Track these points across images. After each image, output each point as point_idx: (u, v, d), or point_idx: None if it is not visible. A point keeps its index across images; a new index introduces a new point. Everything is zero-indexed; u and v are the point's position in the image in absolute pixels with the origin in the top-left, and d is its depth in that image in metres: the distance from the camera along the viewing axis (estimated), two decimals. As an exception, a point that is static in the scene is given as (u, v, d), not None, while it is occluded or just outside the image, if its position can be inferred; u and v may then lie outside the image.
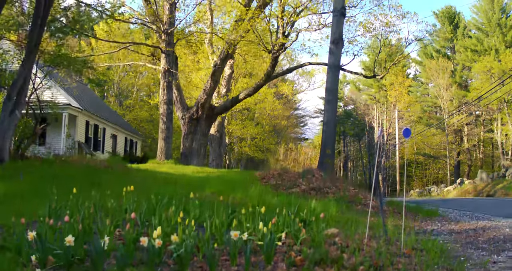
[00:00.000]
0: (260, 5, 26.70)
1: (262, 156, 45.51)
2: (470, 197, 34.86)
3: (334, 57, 14.78)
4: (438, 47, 67.40)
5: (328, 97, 15.07)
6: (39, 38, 12.59)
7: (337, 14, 14.86)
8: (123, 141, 37.84)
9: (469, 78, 63.05)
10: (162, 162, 19.56)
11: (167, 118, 19.95)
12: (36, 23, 12.18)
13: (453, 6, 66.79)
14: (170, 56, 20.39)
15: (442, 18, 66.49)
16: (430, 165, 68.75)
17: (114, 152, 35.13)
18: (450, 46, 66.79)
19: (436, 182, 69.05)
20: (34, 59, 12.72)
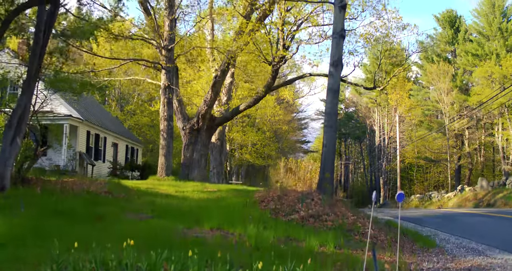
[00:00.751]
0: (260, 17, 26.82)
1: (263, 162, 45.67)
2: (470, 205, 34.94)
3: (333, 80, 14.84)
4: (439, 51, 67.37)
5: (327, 121, 15.14)
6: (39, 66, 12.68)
7: (337, 36, 14.92)
8: (124, 149, 37.95)
9: (470, 82, 63.05)
10: (163, 178, 19.67)
11: (167, 134, 20.05)
12: (35, 53, 12.27)
13: (454, 10, 66.81)
14: (170, 73, 20.48)
15: (443, 22, 66.48)
16: (431, 169, 68.77)
17: (115, 160, 35.27)
18: (451, 50, 66.76)
19: (437, 185, 69.14)
20: (34, 87, 12.83)
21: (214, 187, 18.81)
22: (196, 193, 16.54)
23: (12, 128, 12.74)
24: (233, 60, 27.56)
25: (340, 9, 15.03)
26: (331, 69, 14.98)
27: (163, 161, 19.97)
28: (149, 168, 38.11)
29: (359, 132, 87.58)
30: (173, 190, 16.99)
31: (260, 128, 46.05)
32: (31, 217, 9.80)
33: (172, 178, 19.95)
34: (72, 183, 14.89)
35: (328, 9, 27.76)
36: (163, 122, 20.17)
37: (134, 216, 10.94)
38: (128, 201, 13.10)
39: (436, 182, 68.99)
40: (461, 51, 62.21)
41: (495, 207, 30.90)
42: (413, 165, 68.61)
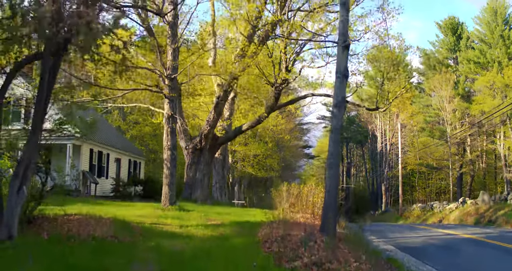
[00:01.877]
0: (263, 39, 26.95)
1: (265, 174, 45.82)
2: (471, 220, 35.02)
3: (336, 121, 14.92)
4: (441, 58, 67.40)
5: (329, 163, 15.22)
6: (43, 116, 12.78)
7: (340, 76, 15.00)
8: (127, 163, 38.09)
9: (472, 89, 63.07)
10: (167, 208, 19.77)
11: (171, 164, 20.16)
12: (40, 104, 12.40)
13: (456, 17, 66.79)
14: (173, 102, 20.59)
15: (445, 29, 66.52)
16: (432, 175, 68.85)
17: (118, 176, 35.38)
18: (453, 57, 66.80)
19: (439, 192, 69.27)
20: (39, 138, 12.94)
21: (218, 218, 18.91)
22: (201, 229, 16.65)
23: (18, 177, 12.87)
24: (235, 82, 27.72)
25: (343, 48, 15.11)
26: (334, 110, 15.05)
27: (166, 190, 20.08)
28: (151, 182, 38.27)
29: (360, 137, 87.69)
30: (177, 224, 17.09)
31: (262, 139, 46.15)
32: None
33: (176, 208, 20.03)
34: (77, 223, 15.00)
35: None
36: (167, 152, 20.26)
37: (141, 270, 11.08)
38: (134, 246, 13.21)
39: (438, 189, 69.12)
40: (463, 59, 62.27)
41: (496, 224, 30.95)
42: (414, 171, 68.76)
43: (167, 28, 20.57)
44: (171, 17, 20.46)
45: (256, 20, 26.49)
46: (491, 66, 56.63)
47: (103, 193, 32.64)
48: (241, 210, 25.55)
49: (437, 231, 25.57)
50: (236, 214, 22.42)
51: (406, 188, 68.74)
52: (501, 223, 30.50)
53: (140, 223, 16.78)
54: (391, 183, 72.04)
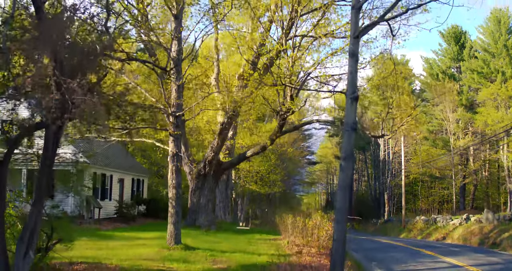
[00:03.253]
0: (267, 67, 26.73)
1: (268, 190, 45.66)
2: (475, 241, 34.82)
3: (344, 175, 14.71)
4: (444, 67, 67.15)
5: (337, 217, 15.05)
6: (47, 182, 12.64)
7: (349, 129, 14.78)
8: (130, 183, 37.99)
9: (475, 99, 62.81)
10: (172, 248, 19.62)
11: (176, 202, 20.01)
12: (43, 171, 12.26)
13: (459, 26, 66.53)
14: (178, 140, 20.43)
15: (448, 37, 66.25)
16: (435, 184, 68.60)
17: (121, 197, 35.35)
18: (456, 66, 66.56)
19: (442, 201, 69.02)
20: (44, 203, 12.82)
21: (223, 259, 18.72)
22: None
23: (24, 241, 12.74)
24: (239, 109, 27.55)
25: (352, 100, 14.89)
26: (342, 163, 14.81)
27: (172, 229, 19.92)
28: (154, 201, 38.27)
29: (363, 143, 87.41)
30: (183, 270, 16.97)
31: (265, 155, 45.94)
32: None
33: (181, 246, 19.87)
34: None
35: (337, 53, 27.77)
36: (172, 191, 20.11)
37: None
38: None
39: (441, 198, 68.89)
40: (467, 68, 62.01)
41: (501, 247, 30.69)
42: (417, 180, 68.56)
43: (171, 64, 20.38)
44: (175, 53, 20.29)
45: (261, 47, 26.31)
46: (495, 76, 56.41)
47: (107, 215, 32.61)
48: (245, 241, 25.32)
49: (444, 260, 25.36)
50: (241, 248, 22.22)
51: (409, 197, 68.50)
52: (505, 247, 30.29)
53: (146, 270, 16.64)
54: (394, 192, 71.86)
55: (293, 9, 25.07)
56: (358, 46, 15.35)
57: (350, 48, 15.20)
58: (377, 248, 32.08)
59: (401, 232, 54.65)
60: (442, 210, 68.18)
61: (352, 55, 15.13)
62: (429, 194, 69.85)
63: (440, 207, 68.90)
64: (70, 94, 9.14)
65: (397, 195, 70.94)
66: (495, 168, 64.19)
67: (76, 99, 9.20)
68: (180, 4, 20.36)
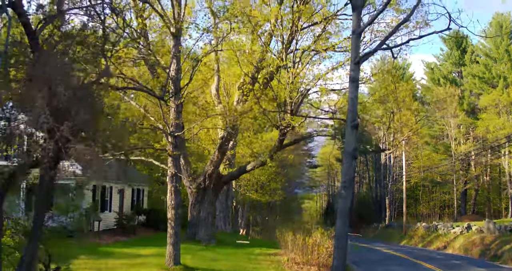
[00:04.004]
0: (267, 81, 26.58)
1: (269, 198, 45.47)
2: (476, 252, 34.61)
3: (344, 202, 14.57)
4: (445, 72, 66.91)
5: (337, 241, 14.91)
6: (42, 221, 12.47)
7: (348, 156, 14.65)
8: (130, 193, 37.76)
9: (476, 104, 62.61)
10: (171, 269, 19.50)
11: (175, 223, 19.84)
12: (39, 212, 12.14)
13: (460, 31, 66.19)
14: (177, 160, 20.28)
15: (450, 42, 65.99)
16: (437, 189, 68.38)
17: (121, 208, 35.18)
18: (458, 71, 66.34)
19: (443, 206, 68.82)
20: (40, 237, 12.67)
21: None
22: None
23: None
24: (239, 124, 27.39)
25: (352, 128, 14.74)
26: (342, 191, 14.67)
27: (171, 250, 19.77)
28: (154, 212, 38.07)
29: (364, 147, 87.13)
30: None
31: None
32: None
33: (180, 267, 19.75)
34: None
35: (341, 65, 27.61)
36: (171, 211, 19.94)
37: None
38: None
39: (442, 202, 68.72)
40: (468, 74, 61.81)
41: (502, 260, 30.45)
42: (419, 185, 68.34)
43: (170, 83, 20.21)
44: (174, 72, 20.10)
45: (260, 62, 26.15)
46: (496, 81, 56.24)
47: (107, 227, 32.45)
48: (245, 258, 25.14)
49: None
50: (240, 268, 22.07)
51: (410, 201, 68.26)
52: (506, 260, 30.09)
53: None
54: (395, 197, 71.60)
55: (293, 24, 24.92)
56: (358, 72, 15.19)
57: (351, 74, 15.02)
58: (378, 261, 31.91)
59: (402, 239, 54.43)
60: (444, 215, 68.02)
61: (353, 81, 14.96)
62: (430, 198, 69.66)
63: (441, 212, 68.73)
64: (63, 142, 9.01)
65: (398, 200, 70.66)
66: (497, 173, 64.02)
67: (70, 149, 9.08)
68: (179, 23, 20.17)
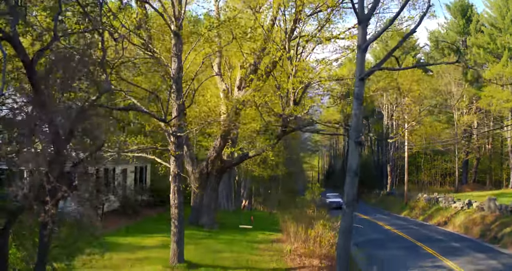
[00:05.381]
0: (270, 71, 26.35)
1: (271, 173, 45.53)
2: (476, 231, 34.89)
3: (347, 221, 14.71)
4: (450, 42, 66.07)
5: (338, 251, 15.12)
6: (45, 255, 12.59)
7: (352, 174, 14.70)
8: (133, 172, 37.96)
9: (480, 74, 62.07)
10: (175, 266, 19.79)
11: (178, 221, 20.03)
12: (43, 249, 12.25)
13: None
14: (179, 160, 20.29)
15: (454, 11, 64.92)
16: (438, 157, 68.53)
17: (124, 188, 35.42)
18: (462, 39, 65.48)
19: (444, 174, 69.22)
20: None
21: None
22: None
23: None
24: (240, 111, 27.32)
25: (356, 144, 14.71)
26: (346, 209, 14.79)
27: (175, 247, 20.03)
28: (157, 191, 38.32)
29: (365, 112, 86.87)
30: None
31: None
32: None
33: (185, 265, 20.05)
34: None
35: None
36: (174, 210, 20.09)
37: None
38: None
39: (444, 171, 69.07)
40: (473, 44, 60.98)
41: (501, 243, 30.76)
42: (420, 153, 68.50)
43: (172, 82, 20.04)
44: (175, 71, 19.89)
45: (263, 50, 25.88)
46: (501, 52, 55.58)
47: (111, 208, 32.77)
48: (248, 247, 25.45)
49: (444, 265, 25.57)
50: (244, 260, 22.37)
51: (411, 168, 68.42)
52: (506, 243, 30.39)
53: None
54: (397, 164, 71.88)
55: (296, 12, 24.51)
56: (363, 88, 15.08)
57: (355, 90, 14.94)
58: (379, 242, 32.33)
59: (403, 210, 54.95)
60: (445, 183, 68.52)
61: (357, 98, 14.87)
62: (432, 166, 69.95)
63: (443, 180, 69.20)
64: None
65: (400, 167, 70.99)
66: (499, 142, 64.12)
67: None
68: (180, 20, 19.83)
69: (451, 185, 65.85)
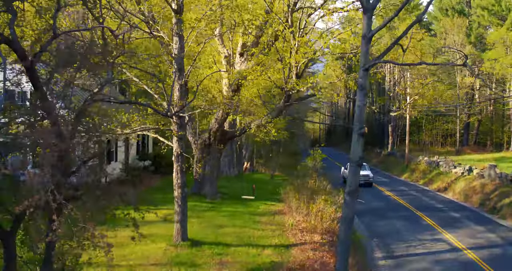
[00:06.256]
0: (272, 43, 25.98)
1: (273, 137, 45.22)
2: (475, 200, 35.19)
3: (348, 209, 14.83)
4: (454, 2, 64.82)
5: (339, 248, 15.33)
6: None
7: (354, 165, 14.75)
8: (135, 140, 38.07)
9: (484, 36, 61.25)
10: (179, 244, 20.07)
11: (182, 201, 20.21)
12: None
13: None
14: (182, 140, 20.31)
15: (460, -31, 63.58)
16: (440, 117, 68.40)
17: (127, 156, 35.61)
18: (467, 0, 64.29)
19: (445, 135, 69.30)
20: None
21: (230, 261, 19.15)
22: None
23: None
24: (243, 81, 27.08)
25: (359, 136, 14.69)
26: (346, 197, 14.88)
27: (178, 227, 20.28)
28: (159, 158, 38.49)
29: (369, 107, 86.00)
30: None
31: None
32: None
33: (188, 244, 20.34)
34: None
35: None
36: (177, 190, 20.23)
37: None
38: None
39: (445, 132, 69.12)
40: (477, 5, 59.90)
41: (500, 214, 31.05)
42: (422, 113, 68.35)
43: (173, 62, 19.83)
44: (176, 50, 19.65)
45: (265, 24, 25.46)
46: (506, 14, 54.68)
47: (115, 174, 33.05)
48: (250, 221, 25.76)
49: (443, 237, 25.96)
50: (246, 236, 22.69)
51: (413, 129, 68.44)
52: (505, 214, 30.72)
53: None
54: (398, 123, 71.75)
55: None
56: (367, 79, 14.89)
57: (359, 81, 14.79)
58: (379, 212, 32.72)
59: (403, 172, 55.28)
60: (446, 143, 68.71)
61: (361, 89, 14.73)
62: (433, 127, 69.93)
63: (444, 141, 69.36)
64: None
65: (401, 126, 70.90)
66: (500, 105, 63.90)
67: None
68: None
69: (452, 145, 66.05)
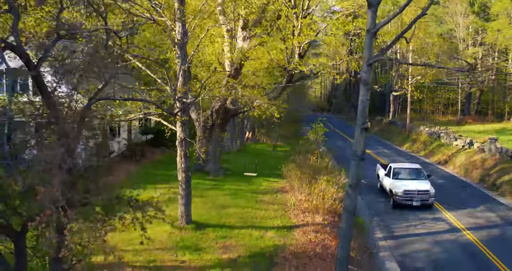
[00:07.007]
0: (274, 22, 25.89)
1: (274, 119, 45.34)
2: (476, 175, 35.42)
3: (350, 201, 15.06)
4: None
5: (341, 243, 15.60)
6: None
7: (357, 158, 14.90)
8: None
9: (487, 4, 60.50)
10: (183, 227, 20.41)
11: (186, 185, 20.51)
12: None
13: None
14: (185, 125, 20.44)
15: None
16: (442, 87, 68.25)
17: (130, 133, 35.81)
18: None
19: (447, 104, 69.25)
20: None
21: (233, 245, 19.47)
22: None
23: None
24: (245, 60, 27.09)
25: (361, 130, 14.80)
26: (348, 190, 15.08)
27: (183, 210, 20.61)
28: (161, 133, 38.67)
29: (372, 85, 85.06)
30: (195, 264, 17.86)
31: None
32: None
33: (192, 227, 20.67)
34: None
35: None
36: (181, 174, 20.48)
37: None
38: None
39: (446, 101, 69.05)
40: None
41: (500, 191, 31.31)
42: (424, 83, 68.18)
43: (176, 48, 19.77)
44: (179, 36, 19.59)
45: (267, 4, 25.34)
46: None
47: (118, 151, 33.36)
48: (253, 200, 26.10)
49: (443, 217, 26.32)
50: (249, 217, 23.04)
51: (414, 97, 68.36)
52: (504, 191, 31.00)
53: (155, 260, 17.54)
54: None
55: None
56: (370, 74, 14.88)
57: (363, 75, 14.80)
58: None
59: (404, 142, 55.25)
60: (447, 112, 68.71)
61: (365, 84, 14.77)
62: (435, 95, 69.80)
63: (445, 110, 69.34)
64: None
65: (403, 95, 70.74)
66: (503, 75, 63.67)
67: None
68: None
69: (453, 114, 66.09)
